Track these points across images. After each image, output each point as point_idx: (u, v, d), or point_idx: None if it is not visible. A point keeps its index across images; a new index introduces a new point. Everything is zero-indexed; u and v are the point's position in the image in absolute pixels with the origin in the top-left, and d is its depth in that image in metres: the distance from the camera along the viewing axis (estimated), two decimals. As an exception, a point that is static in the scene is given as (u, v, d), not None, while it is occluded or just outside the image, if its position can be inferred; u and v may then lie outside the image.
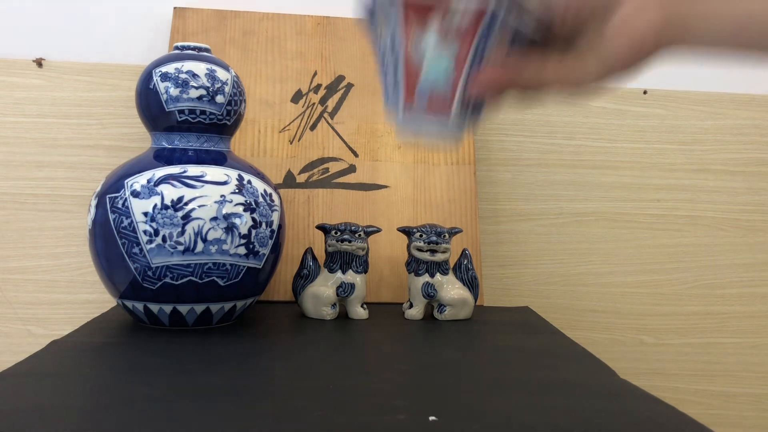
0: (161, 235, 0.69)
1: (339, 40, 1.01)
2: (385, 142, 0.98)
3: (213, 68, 0.76)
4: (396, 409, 0.50)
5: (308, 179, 0.95)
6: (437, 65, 0.35)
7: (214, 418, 0.48)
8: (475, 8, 0.35)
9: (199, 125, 0.75)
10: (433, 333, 0.76)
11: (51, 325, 0.96)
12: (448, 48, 0.35)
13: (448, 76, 0.35)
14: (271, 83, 0.98)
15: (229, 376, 0.58)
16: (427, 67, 0.35)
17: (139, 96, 0.76)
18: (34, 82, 0.97)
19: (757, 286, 1.09)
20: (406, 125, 0.37)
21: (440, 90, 0.35)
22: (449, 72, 0.35)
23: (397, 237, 0.87)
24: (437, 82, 0.35)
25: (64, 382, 0.56)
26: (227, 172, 0.74)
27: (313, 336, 0.75)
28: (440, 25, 0.35)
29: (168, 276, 0.70)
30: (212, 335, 0.72)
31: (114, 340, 0.71)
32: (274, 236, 0.76)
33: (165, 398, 0.52)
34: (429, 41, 0.35)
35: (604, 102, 1.06)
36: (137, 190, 0.71)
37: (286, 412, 0.50)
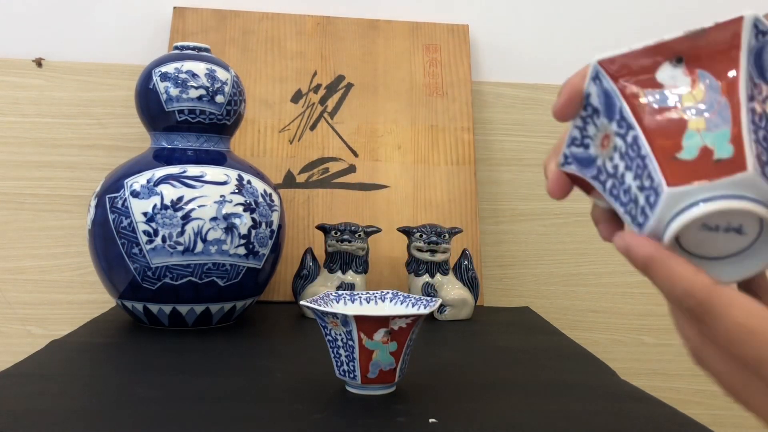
0: (161, 235, 0.69)
1: (339, 40, 1.01)
2: (384, 142, 0.98)
3: (213, 68, 0.76)
4: (395, 411, 0.50)
5: (308, 179, 0.95)
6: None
7: (214, 419, 0.48)
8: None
9: (199, 125, 0.75)
10: (433, 333, 0.76)
11: (50, 326, 0.96)
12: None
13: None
14: (270, 83, 0.98)
15: (229, 377, 0.58)
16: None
17: (139, 96, 0.76)
18: (33, 82, 0.97)
19: (758, 287, 1.08)
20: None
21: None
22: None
23: (397, 237, 0.87)
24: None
25: (64, 382, 0.56)
26: (227, 172, 0.74)
27: (313, 336, 0.74)
28: None
29: (167, 276, 0.70)
30: (212, 335, 0.72)
31: (113, 341, 0.71)
32: (273, 236, 0.76)
33: (164, 398, 0.52)
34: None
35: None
36: (137, 190, 0.70)
37: (285, 414, 0.50)
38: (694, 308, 0.29)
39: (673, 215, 0.28)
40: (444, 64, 1.01)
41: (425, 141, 0.98)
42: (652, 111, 0.30)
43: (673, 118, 0.30)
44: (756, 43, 0.30)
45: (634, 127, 0.30)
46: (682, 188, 0.28)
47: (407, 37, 1.02)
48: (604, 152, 0.32)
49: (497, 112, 1.05)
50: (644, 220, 0.30)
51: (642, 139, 0.30)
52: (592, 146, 0.33)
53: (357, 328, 0.51)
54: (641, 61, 0.31)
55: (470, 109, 1.00)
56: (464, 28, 1.04)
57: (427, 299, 0.57)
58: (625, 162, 0.31)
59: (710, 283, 0.28)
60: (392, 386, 0.55)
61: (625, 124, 0.31)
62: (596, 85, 0.32)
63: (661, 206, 0.29)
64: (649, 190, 0.29)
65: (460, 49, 1.02)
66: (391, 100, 0.99)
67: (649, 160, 0.29)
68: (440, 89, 1.00)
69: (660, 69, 0.31)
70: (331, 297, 0.58)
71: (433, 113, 1.00)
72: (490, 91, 1.05)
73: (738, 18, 0.30)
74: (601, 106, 0.32)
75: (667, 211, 0.29)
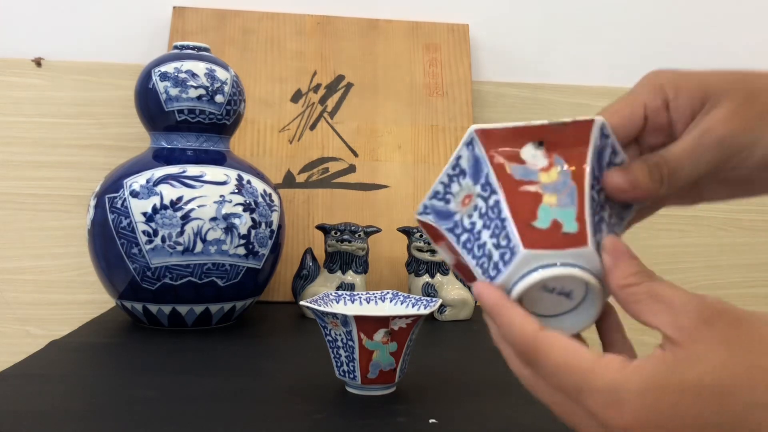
0: (160, 235, 0.69)
1: (339, 40, 1.01)
2: (384, 142, 0.97)
3: (212, 68, 0.75)
4: (395, 411, 0.50)
5: (308, 179, 0.95)
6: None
7: (213, 419, 0.48)
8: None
9: (199, 125, 0.75)
10: (433, 333, 0.76)
11: (50, 326, 0.96)
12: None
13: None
14: (270, 83, 0.98)
15: (228, 377, 0.58)
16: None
17: (138, 96, 0.76)
18: (32, 81, 0.97)
19: (759, 287, 1.08)
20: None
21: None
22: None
23: (397, 237, 0.87)
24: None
25: (63, 382, 0.55)
26: (226, 172, 0.74)
27: (313, 337, 0.74)
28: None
29: (167, 276, 0.70)
30: (211, 336, 0.72)
31: (113, 341, 0.71)
32: (273, 236, 0.75)
33: (164, 399, 0.52)
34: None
35: (606, 102, 1.05)
36: (136, 190, 0.70)
37: (285, 414, 0.50)
38: (524, 352, 0.33)
39: (524, 273, 0.33)
40: (444, 64, 1.01)
41: (425, 141, 0.98)
42: (514, 182, 0.35)
43: (531, 191, 0.35)
44: (600, 143, 0.36)
45: (497, 192, 0.35)
46: (536, 251, 0.33)
47: (407, 37, 1.02)
48: (464, 209, 0.37)
49: (497, 112, 1.04)
50: (496, 273, 0.34)
51: (503, 204, 0.34)
52: (453, 202, 0.37)
53: (357, 329, 0.51)
54: (510, 138, 0.36)
55: (470, 109, 1.00)
56: (464, 27, 1.03)
57: (427, 299, 0.57)
58: (483, 221, 0.35)
59: (536, 329, 0.33)
60: (392, 386, 0.54)
61: (489, 188, 0.35)
62: (468, 150, 0.36)
63: (515, 264, 0.33)
64: (505, 248, 0.34)
65: (460, 49, 1.02)
66: (391, 99, 0.99)
67: (508, 223, 0.34)
68: (440, 89, 1.00)
69: (524, 148, 0.36)
70: (330, 297, 0.58)
71: (433, 113, 0.99)
72: (491, 90, 1.05)
73: (590, 120, 0.36)
74: (470, 169, 0.36)
75: (519, 268, 0.33)
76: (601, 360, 0.32)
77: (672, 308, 0.31)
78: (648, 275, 0.33)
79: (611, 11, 1.07)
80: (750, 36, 1.09)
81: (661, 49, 1.08)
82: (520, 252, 0.33)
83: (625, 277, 0.33)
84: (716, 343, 0.30)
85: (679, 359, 0.30)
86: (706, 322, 0.30)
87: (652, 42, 1.08)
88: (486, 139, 0.35)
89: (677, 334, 0.31)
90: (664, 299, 0.32)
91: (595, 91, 1.06)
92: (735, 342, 0.30)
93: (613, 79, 1.07)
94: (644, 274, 0.33)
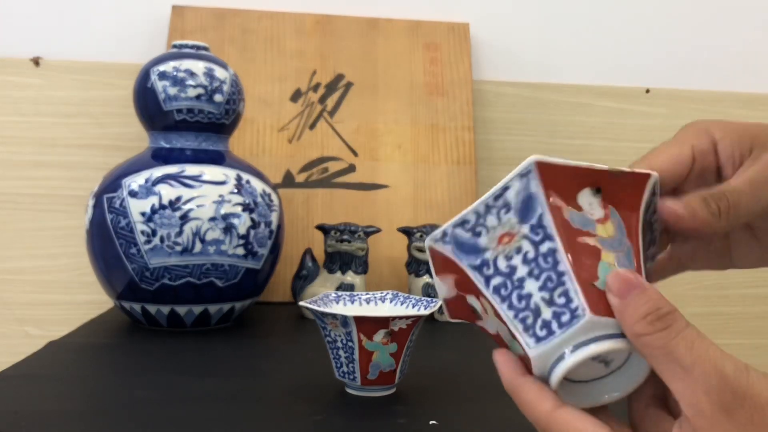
0: (159, 235, 0.68)
1: (338, 39, 1.00)
2: (384, 142, 0.97)
3: (211, 67, 0.75)
4: (396, 412, 0.50)
5: (307, 179, 0.95)
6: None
7: (213, 421, 0.47)
8: None
9: (198, 124, 0.74)
10: (433, 334, 0.75)
11: (48, 326, 0.96)
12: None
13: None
14: (270, 82, 0.97)
15: (228, 378, 0.57)
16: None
17: (137, 95, 0.76)
18: (31, 81, 0.96)
19: (760, 287, 1.08)
20: None
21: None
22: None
23: (397, 237, 0.86)
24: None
25: (62, 383, 0.55)
26: (226, 172, 0.73)
27: (313, 337, 0.74)
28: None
29: (166, 277, 0.69)
30: (211, 336, 0.72)
31: (111, 341, 0.70)
32: (273, 236, 0.75)
33: (163, 400, 0.51)
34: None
35: (607, 101, 1.05)
36: (135, 189, 0.70)
37: (284, 415, 0.49)
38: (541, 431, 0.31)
39: (582, 342, 0.29)
40: (444, 63, 1.01)
41: (425, 140, 0.98)
42: (572, 230, 0.31)
43: (590, 244, 0.31)
44: (649, 200, 0.33)
45: (553, 239, 0.30)
46: (601, 319, 0.29)
47: (407, 36, 1.02)
48: (500, 248, 0.32)
49: (498, 111, 1.04)
50: (547, 334, 0.30)
51: (561, 255, 0.30)
52: (485, 237, 0.32)
53: (357, 329, 0.50)
54: (570, 177, 0.31)
55: (471, 108, 1.00)
56: (464, 26, 1.03)
57: (427, 300, 0.57)
58: (529, 268, 0.31)
59: (550, 409, 0.31)
60: (392, 388, 0.54)
61: (543, 232, 0.31)
62: (521, 183, 0.31)
63: (576, 329, 0.29)
64: (562, 308, 0.30)
65: (460, 48, 1.02)
66: (391, 99, 0.99)
67: (568, 279, 0.30)
68: (440, 88, 1.00)
69: (582, 192, 0.32)
70: (330, 298, 0.57)
71: (433, 112, 0.99)
72: (491, 90, 1.04)
73: (648, 174, 0.33)
74: (518, 204, 0.31)
75: (579, 335, 0.29)
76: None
77: (690, 381, 0.28)
78: (663, 320, 0.29)
79: (612, 10, 1.07)
80: (750, 34, 1.09)
81: (662, 48, 1.08)
82: (586, 317, 0.29)
83: (636, 323, 0.29)
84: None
85: None
86: (727, 411, 0.27)
87: (653, 41, 1.08)
88: (546, 174, 0.31)
89: (695, 419, 0.28)
90: (681, 361, 0.28)
91: (597, 91, 1.06)
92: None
93: (614, 78, 1.07)
94: (658, 318, 0.29)
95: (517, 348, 0.32)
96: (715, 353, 0.28)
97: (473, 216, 0.32)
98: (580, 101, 1.05)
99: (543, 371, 0.31)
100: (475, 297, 0.33)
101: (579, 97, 1.05)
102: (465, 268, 0.33)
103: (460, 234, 0.33)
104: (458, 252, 0.33)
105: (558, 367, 0.30)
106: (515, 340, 0.32)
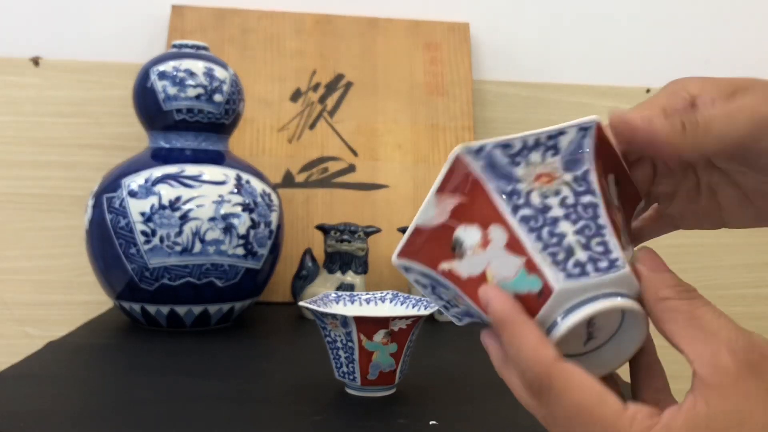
0: (158, 235, 0.68)
1: (338, 39, 1.00)
2: (384, 142, 0.97)
3: (211, 67, 0.75)
4: (396, 413, 0.50)
5: (307, 179, 0.95)
6: None
7: (212, 421, 0.47)
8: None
9: (197, 124, 0.74)
10: (434, 334, 0.75)
11: (48, 326, 0.96)
12: None
13: None
14: (269, 82, 0.97)
15: (227, 378, 0.57)
16: None
17: (137, 95, 0.75)
18: (30, 80, 0.96)
19: (760, 287, 1.08)
20: None
21: None
22: None
23: (397, 237, 0.86)
24: None
25: (61, 383, 0.55)
26: (225, 172, 0.73)
27: (313, 338, 0.74)
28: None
29: (165, 277, 0.69)
30: (210, 337, 0.72)
31: (111, 342, 0.70)
32: (272, 237, 0.75)
33: (162, 400, 0.51)
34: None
35: (607, 101, 1.05)
36: (134, 189, 0.70)
37: (284, 415, 0.49)
38: (535, 382, 0.29)
39: (611, 293, 0.29)
40: (444, 63, 1.01)
41: (425, 140, 0.98)
42: (606, 196, 0.31)
43: (616, 218, 0.32)
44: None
45: (596, 194, 0.31)
46: (633, 279, 0.30)
47: (407, 36, 1.02)
48: (537, 185, 0.31)
49: (498, 111, 1.04)
50: (580, 273, 0.29)
51: (602, 210, 0.30)
52: (523, 169, 0.31)
53: (357, 330, 0.50)
54: (611, 156, 0.33)
55: (471, 108, 0.99)
56: (465, 26, 1.03)
57: (427, 300, 0.57)
58: (567, 211, 0.30)
59: (552, 357, 0.28)
60: (392, 388, 0.54)
61: (586, 186, 0.31)
62: (578, 134, 0.31)
63: (614, 278, 0.29)
64: (601, 255, 0.30)
65: (460, 48, 1.02)
66: (391, 99, 0.99)
67: (609, 233, 0.30)
68: (441, 88, 1.00)
69: (609, 176, 0.34)
70: (330, 298, 0.57)
71: (433, 112, 0.99)
72: (491, 89, 1.04)
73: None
74: (567, 153, 0.31)
75: (612, 285, 0.29)
76: (626, 412, 0.27)
77: (714, 340, 0.27)
78: (690, 292, 0.29)
79: (612, 9, 1.07)
80: (750, 34, 1.09)
81: (662, 48, 1.08)
82: (626, 269, 0.29)
83: (663, 288, 0.29)
84: (761, 399, 0.26)
85: (716, 413, 0.26)
86: (753, 369, 0.26)
87: (653, 41, 1.08)
88: (601, 138, 0.32)
89: (714, 375, 0.26)
90: (706, 326, 0.27)
91: (597, 90, 1.06)
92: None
93: (614, 77, 1.07)
94: (685, 289, 0.29)
95: (527, 283, 0.30)
96: (740, 327, 0.28)
97: (519, 143, 0.31)
98: (580, 101, 1.05)
99: (554, 311, 0.30)
100: (482, 226, 0.31)
101: (579, 97, 1.05)
102: (490, 191, 0.31)
103: (498, 156, 0.31)
104: (489, 172, 0.31)
105: (581, 309, 0.29)
106: (535, 272, 0.30)
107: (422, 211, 0.32)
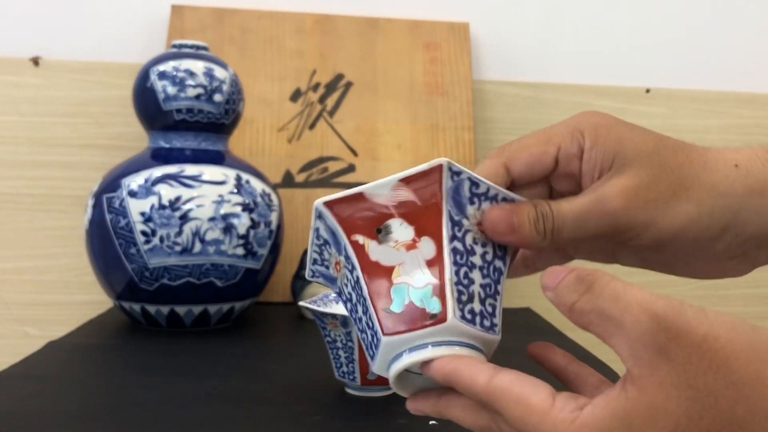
0: (158, 235, 0.68)
1: (338, 39, 1.00)
2: (384, 141, 0.97)
3: (211, 67, 0.75)
4: (395, 413, 0.50)
5: (307, 179, 0.95)
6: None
7: (212, 421, 0.47)
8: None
9: (197, 124, 0.74)
10: (434, 334, 0.75)
11: (47, 326, 0.95)
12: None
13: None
14: (269, 82, 0.97)
15: (227, 378, 0.57)
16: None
17: (137, 95, 0.75)
18: (30, 80, 0.96)
19: (760, 287, 1.08)
20: None
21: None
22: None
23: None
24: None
25: (61, 383, 0.55)
26: (225, 172, 0.73)
27: (312, 338, 0.74)
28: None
29: (165, 277, 0.69)
30: (210, 337, 0.72)
31: (111, 342, 0.70)
32: (272, 236, 0.75)
33: (162, 400, 0.51)
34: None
35: (607, 101, 1.05)
36: (134, 189, 0.70)
37: (284, 415, 0.49)
38: (484, 405, 0.30)
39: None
40: (444, 63, 1.01)
41: (425, 140, 0.98)
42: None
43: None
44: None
45: (505, 263, 0.34)
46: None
47: (407, 36, 1.01)
48: (475, 230, 0.33)
49: (498, 111, 1.04)
50: (470, 319, 0.31)
51: (503, 279, 0.34)
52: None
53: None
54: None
55: (471, 108, 0.99)
56: (465, 26, 1.03)
57: None
58: (482, 264, 0.33)
59: (485, 381, 0.29)
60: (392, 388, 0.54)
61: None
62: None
63: (488, 338, 0.32)
64: (488, 315, 0.32)
65: (460, 48, 1.02)
66: (390, 99, 0.99)
67: (500, 299, 0.33)
68: (441, 88, 1.00)
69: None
70: (330, 298, 0.57)
71: (433, 112, 0.99)
72: (491, 89, 1.04)
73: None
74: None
75: (484, 343, 0.32)
76: (556, 404, 0.27)
77: (623, 332, 0.27)
78: (585, 283, 0.28)
79: (612, 10, 1.07)
80: (750, 34, 1.09)
81: (662, 48, 1.08)
82: (496, 337, 0.32)
83: (566, 295, 0.28)
84: (674, 385, 0.26)
85: (634, 407, 0.26)
86: (663, 353, 0.26)
87: (653, 41, 1.08)
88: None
89: (634, 369, 0.26)
90: (612, 318, 0.27)
91: (597, 90, 1.06)
92: (695, 384, 0.26)
93: (614, 78, 1.06)
94: (579, 281, 0.28)
95: (429, 302, 0.32)
96: (644, 297, 0.27)
97: (484, 188, 0.34)
98: (580, 101, 1.05)
99: (435, 337, 0.31)
100: (417, 232, 0.33)
101: (579, 97, 1.05)
102: (443, 210, 0.33)
103: (465, 187, 0.34)
104: (452, 195, 0.34)
105: (446, 348, 0.31)
106: (439, 298, 0.32)
107: (376, 185, 0.33)
